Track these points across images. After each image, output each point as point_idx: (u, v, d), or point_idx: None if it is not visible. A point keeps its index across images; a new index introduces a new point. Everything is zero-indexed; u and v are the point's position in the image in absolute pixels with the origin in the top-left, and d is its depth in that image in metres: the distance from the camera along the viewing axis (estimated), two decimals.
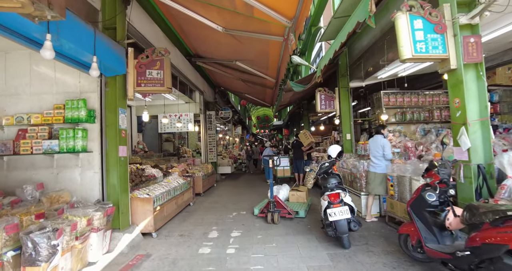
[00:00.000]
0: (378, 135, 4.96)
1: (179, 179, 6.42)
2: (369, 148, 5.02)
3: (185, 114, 9.77)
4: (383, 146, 4.76)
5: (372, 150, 4.90)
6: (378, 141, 4.85)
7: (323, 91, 8.02)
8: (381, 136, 4.95)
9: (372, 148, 4.90)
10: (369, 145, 5.00)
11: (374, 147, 4.86)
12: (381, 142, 4.79)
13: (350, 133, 7.85)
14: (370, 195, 4.97)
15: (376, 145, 4.84)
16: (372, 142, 4.94)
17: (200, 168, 8.79)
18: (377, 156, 4.83)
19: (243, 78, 8.97)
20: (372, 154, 4.90)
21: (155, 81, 4.36)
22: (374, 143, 4.89)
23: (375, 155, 4.85)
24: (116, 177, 4.11)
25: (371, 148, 4.92)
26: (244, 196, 7.83)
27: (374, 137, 5.01)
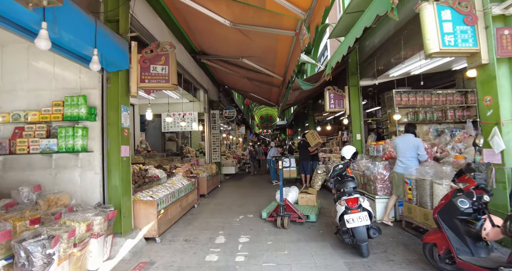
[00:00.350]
0: (409, 134, 4.68)
1: (184, 180, 6.18)
2: (397, 147, 4.69)
3: (189, 113, 9.53)
4: (417, 146, 4.49)
5: (403, 149, 4.60)
6: (410, 140, 4.58)
7: (332, 90, 7.75)
8: (412, 135, 4.68)
9: (402, 148, 4.61)
10: (398, 145, 4.68)
11: (406, 147, 4.58)
12: (415, 142, 4.53)
13: (360, 133, 7.57)
14: (392, 197, 4.70)
15: (407, 144, 4.57)
16: (402, 142, 4.64)
17: (204, 168, 8.55)
18: (407, 156, 4.55)
19: (249, 76, 8.71)
20: (402, 154, 4.61)
21: (159, 77, 4.11)
22: (405, 143, 4.61)
23: (405, 155, 4.58)
24: (118, 178, 3.87)
25: (401, 148, 4.63)
26: (250, 197, 7.58)
27: (404, 136, 4.72)
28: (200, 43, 7.29)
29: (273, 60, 6.64)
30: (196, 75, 8.48)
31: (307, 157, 8.90)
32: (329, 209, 5.99)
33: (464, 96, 7.39)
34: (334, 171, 4.42)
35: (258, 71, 7.89)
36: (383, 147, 5.87)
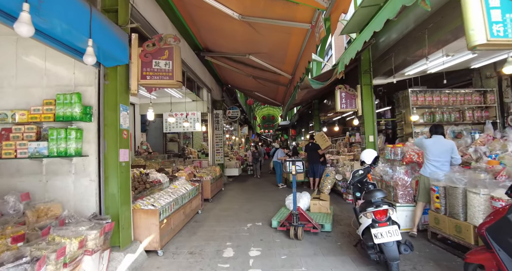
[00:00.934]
0: (440, 136, 4.27)
1: (187, 184, 5.78)
2: (428, 150, 4.25)
3: (192, 113, 9.14)
4: (452, 149, 4.12)
5: (437, 153, 4.18)
6: (444, 143, 4.19)
7: (343, 88, 7.35)
8: (443, 137, 4.27)
9: (436, 151, 4.18)
10: (429, 147, 4.24)
11: (440, 150, 4.16)
12: (450, 145, 4.16)
13: (373, 135, 7.16)
14: (419, 205, 4.31)
15: (442, 148, 4.16)
16: (435, 144, 4.22)
17: (207, 171, 8.15)
18: (442, 160, 4.15)
19: (254, 74, 8.32)
20: (436, 158, 4.19)
21: (162, 73, 3.72)
22: (438, 146, 4.20)
23: (439, 160, 4.16)
24: (116, 186, 3.48)
25: (433, 151, 4.20)
26: (256, 202, 7.18)
27: (435, 138, 4.28)
28: (205, 39, 6.90)
29: (283, 57, 6.23)
30: (200, 74, 8.09)
31: (316, 160, 8.50)
32: (342, 216, 5.60)
33: (483, 96, 6.99)
34: (354, 177, 4.03)
35: (265, 69, 7.49)
36: (401, 150, 5.47)
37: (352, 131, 13.37)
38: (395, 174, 4.83)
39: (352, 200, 4.22)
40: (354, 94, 7.30)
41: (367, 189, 4.06)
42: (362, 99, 7.25)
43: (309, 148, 8.68)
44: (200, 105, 9.30)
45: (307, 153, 8.81)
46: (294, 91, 7.68)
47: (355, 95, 7.30)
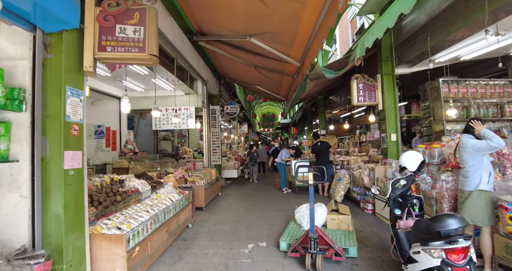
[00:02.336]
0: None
1: (174, 193, 4.70)
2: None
3: (185, 108, 8.08)
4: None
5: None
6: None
7: (361, 78, 6.27)
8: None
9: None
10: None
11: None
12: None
13: (396, 133, 6.10)
14: (485, 231, 3.04)
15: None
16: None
17: (202, 174, 7.07)
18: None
19: (256, 63, 7.23)
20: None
21: (130, 43, 2.63)
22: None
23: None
24: (61, 204, 2.40)
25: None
26: (259, 212, 6.11)
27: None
28: (199, 20, 5.81)
29: (291, 38, 5.15)
30: (193, 62, 7.00)
31: (327, 161, 7.45)
32: (365, 233, 4.54)
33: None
34: (394, 190, 2.97)
35: (269, 55, 6.41)
36: (439, 152, 4.41)
37: (362, 129, 12.34)
38: (438, 182, 3.76)
39: (390, 220, 3.16)
40: (373, 86, 6.23)
41: (411, 205, 3.01)
42: (382, 91, 6.19)
43: (317, 148, 7.61)
44: (194, 99, 8.22)
45: (315, 154, 7.75)
46: (302, 82, 6.60)
47: (374, 87, 6.23)
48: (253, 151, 11.33)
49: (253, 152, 11.23)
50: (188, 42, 6.64)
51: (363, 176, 6.13)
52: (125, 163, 6.57)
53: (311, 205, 3.32)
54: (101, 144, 8.57)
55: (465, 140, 3.11)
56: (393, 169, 5.16)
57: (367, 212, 5.79)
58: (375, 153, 7.51)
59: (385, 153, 6.21)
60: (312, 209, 3.30)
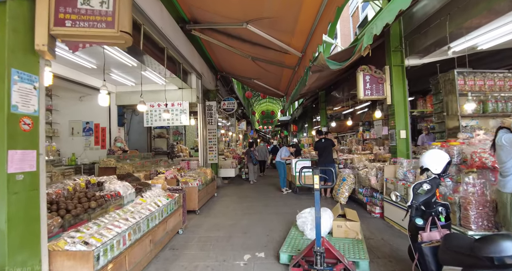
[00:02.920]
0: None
1: (162, 196, 4.21)
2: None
3: (178, 103, 7.57)
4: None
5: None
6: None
7: (367, 70, 5.77)
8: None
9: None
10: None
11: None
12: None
13: (406, 130, 5.61)
14: None
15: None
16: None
17: (196, 174, 6.58)
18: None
19: (254, 54, 6.72)
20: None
21: (96, 17, 2.13)
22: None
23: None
24: (4, 217, 1.91)
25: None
26: (256, 215, 5.63)
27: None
28: (191, 5, 5.30)
29: (293, 22, 4.64)
30: (186, 53, 6.48)
31: (330, 159, 6.98)
32: (375, 241, 4.06)
33: None
34: (417, 196, 2.49)
35: (268, 45, 5.91)
36: (458, 150, 3.93)
37: (365, 126, 11.87)
38: (462, 185, 3.28)
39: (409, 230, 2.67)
40: (381, 78, 5.73)
41: (436, 213, 2.54)
42: (391, 84, 5.69)
43: (322, 145, 7.13)
44: (188, 94, 7.70)
45: (318, 152, 7.27)
46: (304, 75, 6.10)
47: (382, 79, 5.73)
48: (253, 149, 10.61)
49: (253, 151, 10.49)
50: (180, 31, 6.13)
51: (370, 176, 5.65)
52: (113, 162, 6.08)
53: (317, 213, 2.82)
54: (90, 142, 8.07)
55: (500, 135, 2.64)
56: (404, 169, 4.68)
57: (374, 216, 5.32)
58: (382, 151, 7.02)
59: (393, 151, 5.73)
60: (318, 218, 2.81)
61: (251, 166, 10.27)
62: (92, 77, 7.18)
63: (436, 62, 6.12)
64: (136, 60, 5.78)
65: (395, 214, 4.70)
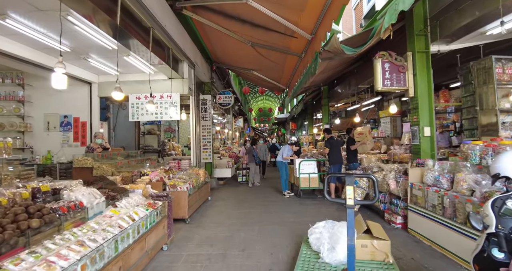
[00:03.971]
0: None
1: (141, 206, 3.37)
2: None
3: (168, 95, 6.72)
4: None
5: None
6: None
7: (387, 57, 4.98)
8: None
9: None
10: None
11: None
12: None
13: (431, 126, 4.83)
14: None
15: None
16: None
17: (187, 175, 5.74)
18: None
19: (255, 39, 5.89)
20: None
21: None
22: None
23: None
24: None
25: None
26: (256, 225, 4.81)
27: None
28: None
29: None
30: (176, 36, 5.63)
31: (341, 159, 6.24)
32: (405, 262, 3.28)
33: None
34: (503, 219, 1.69)
35: (271, 27, 5.08)
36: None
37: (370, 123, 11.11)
38: None
39: (478, 263, 1.87)
40: (402, 66, 4.94)
41: None
42: (414, 73, 4.90)
43: (335, 143, 6.36)
44: (179, 84, 6.84)
45: (331, 149, 6.49)
46: (312, 63, 5.28)
47: (404, 68, 4.94)
48: (255, 148, 9.36)
49: (254, 149, 9.25)
50: (169, 9, 5.27)
51: (389, 180, 4.87)
52: (89, 162, 5.23)
53: (351, 240, 2.01)
54: (68, 138, 7.18)
55: None
56: (435, 173, 3.89)
57: (395, 226, 4.54)
58: (398, 150, 6.24)
59: (416, 151, 4.95)
60: (351, 247, 1.99)
61: (253, 167, 9.04)
62: (70, 65, 6.27)
63: (457, 50, 5.37)
64: (117, 42, 4.90)
65: (423, 226, 3.93)
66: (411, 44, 4.97)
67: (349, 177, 2.10)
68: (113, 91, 3.75)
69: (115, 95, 3.76)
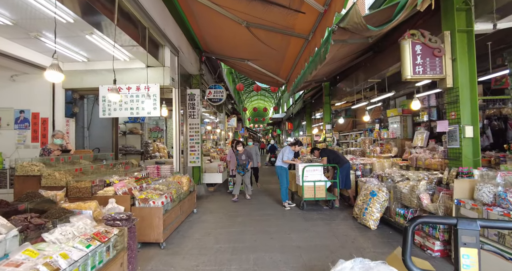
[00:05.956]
0: None
1: (83, 238, 2.24)
2: None
3: (145, 86, 5.58)
4: None
5: None
6: None
7: (418, 36, 3.94)
8: None
9: None
10: None
11: None
12: None
13: (475, 125, 3.81)
14: None
15: None
16: None
17: (165, 184, 4.61)
18: None
19: (251, 17, 4.80)
20: None
21: None
22: None
23: None
24: None
25: None
26: (252, 253, 3.71)
27: None
28: None
29: None
30: (154, 13, 4.51)
31: (343, 158, 5.26)
32: None
33: None
34: None
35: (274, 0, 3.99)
36: None
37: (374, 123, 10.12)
38: None
39: None
40: (438, 49, 3.90)
41: None
42: (453, 57, 3.88)
43: (329, 151, 5.34)
44: (159, 74, 5.69)
45: (329, 158, 5.50)
46: (322, 45, 4.23)
47: (441, 51, 3.90)
48: (241, 151, 6.97)
49: (241, 153, 6.97)
50: None
51: (420, 193, 3.83)
52: (37, 168, 4.06)
53: None
54: (25, 137, 5.97)
55: None
56: (499, 188, 2.86)
57: (432, 254, 3.49)
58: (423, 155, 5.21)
59: (454, 157, 3.92)
60: None
61: (238, 177, 6.98)
62: (23, 46, 5.09)
63: (487, 38, 4.40)
64: (72, 13, 3.76)
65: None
66: (448, 21, 3.94)
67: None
68: (48, 70, 2.60)
69: (51, 76, 2.61)
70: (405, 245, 1.07)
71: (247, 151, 7.08)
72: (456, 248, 1.00)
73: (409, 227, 1.08)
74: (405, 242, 1.08)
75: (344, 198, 6.31)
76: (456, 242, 1.00)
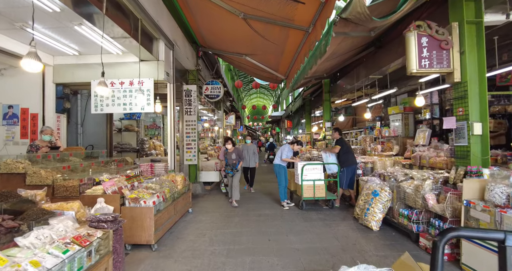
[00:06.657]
0: None
1: (60, 242, 2.04)
2: None
3: (139, 81, 5.36)
4: None
5: None
6: None
7: (425, 28, 3.73)
8: None
9: None
10: None
11: None
12: None
13: (485, 122, 3.61)
14: None
15: None
16: None
17: (158, 184, 4.41)
18: None
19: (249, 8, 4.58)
20: None
21: None
22: None
23: None
24: None
25: None
26: (248, 255, 3.52)
27: None
28: None
29: None
30: (147, 4, 4.29)
31: (354, 159, 5.08)
32: None
33: None
34: None
35: None
36: None
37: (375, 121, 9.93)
38: None
39: None
40: (446, 41, 3.70)
41: None
42: (462, 50, 3.68)
43: (347, 144, 5.16)
44: (153, 68, 5.47)
45: (343, 150, 5.30)
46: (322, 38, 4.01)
47: (448, 43, 3.70)
48: (231, 150, 6.21)
49: (230, 152, 6.21)
50: None
51: (426, 194, 3.64)
52: (22, 166, 3.86)
53: None
54: (14, 133, 5.75)
55: None
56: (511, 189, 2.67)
57: None
58: (427, 153, 5.01)
59: (462, 155, 3.73)
60: None
61: (230, 179, 6.33)
62: (10, 38, 4.87)
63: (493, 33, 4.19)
64: (58, 1, 3.54)
65: (491, 263, 2.70)
66: (456, 12, 3.73)
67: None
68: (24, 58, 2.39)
69: (27, 65, 2.40)
70: (435, 264, 0.86)
71: (238, 150, 6.29)
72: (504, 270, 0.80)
73: (439, 242, 0.88)
74: (435, 260, 0.87)
75: (345, 198, 6.13)
76: (504, 262, 0.79)
